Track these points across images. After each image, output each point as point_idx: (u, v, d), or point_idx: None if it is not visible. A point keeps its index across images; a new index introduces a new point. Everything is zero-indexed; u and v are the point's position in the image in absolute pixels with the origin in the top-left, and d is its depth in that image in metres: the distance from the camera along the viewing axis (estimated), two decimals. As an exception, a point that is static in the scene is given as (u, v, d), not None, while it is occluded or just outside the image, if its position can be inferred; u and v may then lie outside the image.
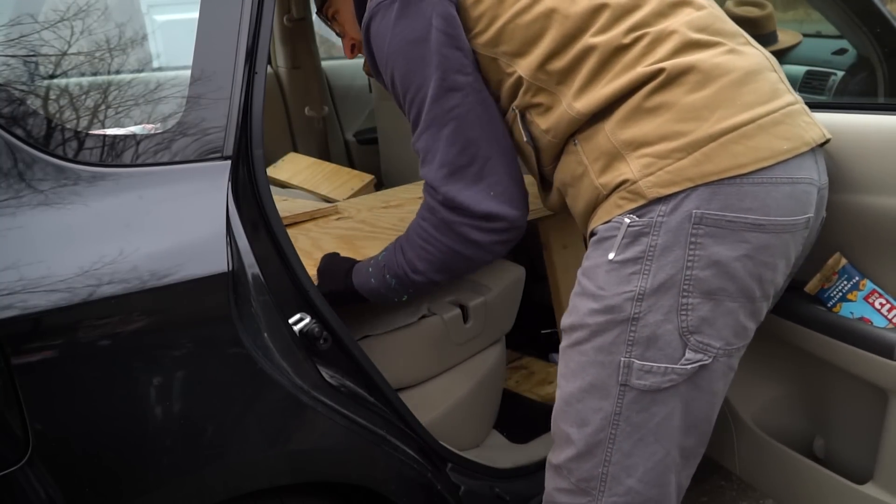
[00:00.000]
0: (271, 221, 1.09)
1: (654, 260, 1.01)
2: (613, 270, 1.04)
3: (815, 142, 1.05)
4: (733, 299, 1.02)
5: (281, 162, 2.51)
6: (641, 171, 1.02)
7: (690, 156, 0.99)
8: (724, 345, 1.04)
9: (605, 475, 1.09)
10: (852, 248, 1.26)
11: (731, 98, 1.01)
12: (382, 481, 1.23)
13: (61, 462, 0.90)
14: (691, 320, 1.01)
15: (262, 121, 1.07)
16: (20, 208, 0.89)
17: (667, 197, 1.00)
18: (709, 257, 0.99)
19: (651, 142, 1.02)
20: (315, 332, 1.12)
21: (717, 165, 0.98)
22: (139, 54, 1.13)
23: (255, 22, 1.06)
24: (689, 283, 1.00)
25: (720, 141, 0.99)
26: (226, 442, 1.01)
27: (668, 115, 1.01)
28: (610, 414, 1.06)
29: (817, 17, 2.42)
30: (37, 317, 0.86)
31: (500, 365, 1.67)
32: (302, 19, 2.84)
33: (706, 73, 1.02)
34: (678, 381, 1.03)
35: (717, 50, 1.05)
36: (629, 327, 1.03)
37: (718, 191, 0.99)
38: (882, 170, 1.19)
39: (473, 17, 1.14)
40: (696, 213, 0.99)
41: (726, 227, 0.99)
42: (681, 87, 1.02)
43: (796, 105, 1.06)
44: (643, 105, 1.03)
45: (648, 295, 1.01)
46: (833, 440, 1.40)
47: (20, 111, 0.95)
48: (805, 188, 1.03)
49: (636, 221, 1.02)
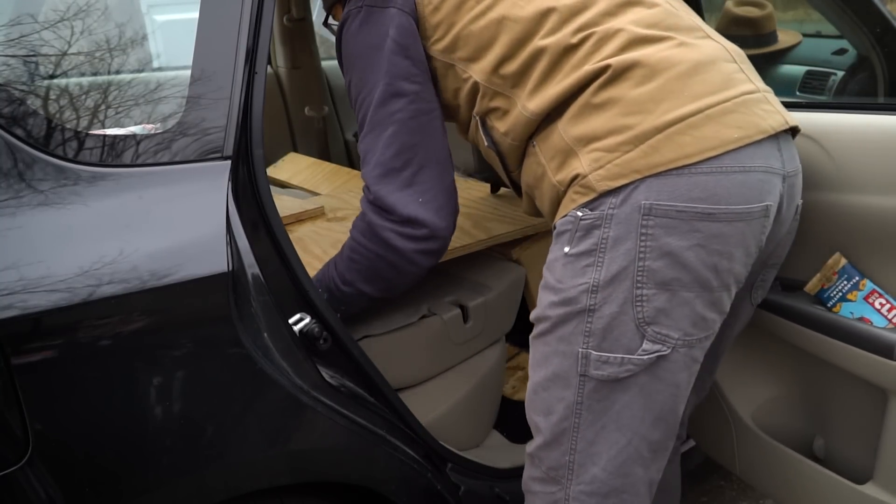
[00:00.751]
0: (271, 221, 1.09)
1: (607, 252, 1.03)
2: (569, 263, 1.06)
3: (774, 129, 1.04)
4: (688, 289, 1.02)
5: (281, 162, 2.51)
6: (591, 165, 1.04)
7: (637, 148, 1.01)
8: (683, 335, 1.04)
9: (571, 463, 1.11)
10: (852, 248, 1.26)
11: (677, 90, 1.02)
12: (382, 481, 1.23)
13: (61, 462, 0.90)
14: (647, 311, 1.02)
15: (262, 121, 1.07)
16: (20, 208, 0.89)
17: (616, 189, 1.01)
18: (660, 248, 1.00)
19: (600, 136, 1.04)
20: (315, 332, 1.12)
21: (664, 156, 0.99)
22: (139, 54, 1.13)
23: (255, 22, 1.06)
24: (643, 273, 1.01)
25: (666, 132, 1.00)
26: (226, 442, 1.01)
27: (615, 110, 1.03)
28: (572, 403, 1.09)
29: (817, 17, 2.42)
30: (37, 317, 0.86)
31: (500, 365, 1.67)
32: (302, 19, 2.84)
33: (652, 66, 1.03)
34: (636, 370, 1.04)
35: (665, 44, 1.06)
36: (585, 318, 1.05)
37: (666, 181, 0.99)
38: (882, 170, 1.19)
39: (432, 24, 1.19)
40: (644, 205, 1.00)
41: (676, 217, 0.99)
42: (627, 81, 1.04)
43: (756, 94, 1.06)
44: (591, 101, 1.05)
45: (602, 286, 1.03)
46: (833, 440, 1.40)
47: (20, 111, 0.94)
48: (760, 176, 1.02)
49: (588, 214, 1.04)
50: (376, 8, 1.20)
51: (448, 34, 1.18)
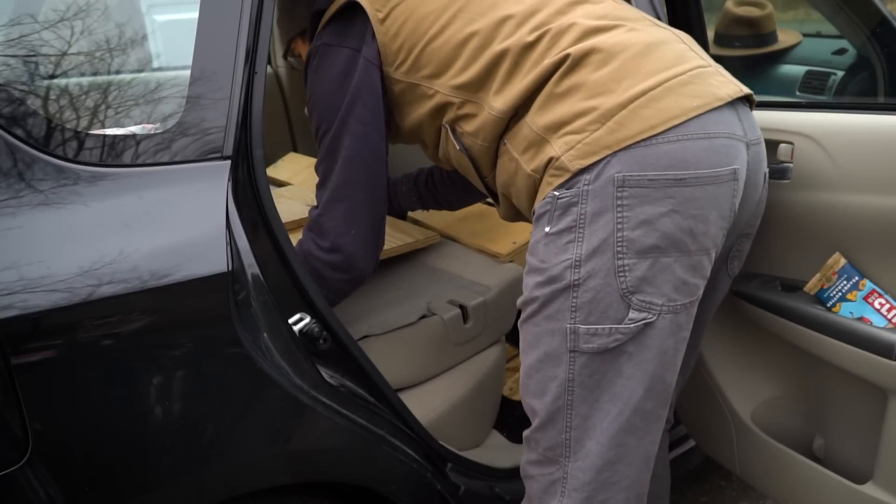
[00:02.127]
0: (271, 221, 1.09)
1: (586, 226, 1.06)
2: (550, 242, 1.09)
3: (730, 96, 1.09)
4: (667, 255, 1.06)
5: (281, 162, 2.51)
6: (562, 147, 1.08)
7: (604, 126, 1.05)
8: (667, 301, 1.07)
9: (568, 441, 1.13)
10: (852, 248, 1.26)
11: (634, 69, 1.08)
12: (382, 481, 1.24)
13: (61, 462, 0.90)
14: (630, 280, 1.05)
15: (262, 121, 1.07)
16: (20, 208, 0.89)
17: (589, 167, 1.05)
18: (636, 217, 1.04)
19: (567, 121, 1.08)
20: (315, 332, 1.13)
21: (630, 130, 1.04)
22: (139, 54, 1.13)
23: (255, 22, 1.06)
24: (622, 244, 1.04)
25: (629, 108, 1.05)
26: (225, 442, 1.01)
27: (578, 95, 1.09)
28: (564, 381, 1.11)
29: (817, 17, 2.42)
30: (37, 317, 0.86)
31: (500, 365, 1.67)
32: (302, 19, 2.84)
33: (607, 51, 1.10)
34: (624, 339, 1.07)
35: (617, 31, 1.13)
36: (571, 294, 1.08)
37: (636, 154, 1.04)
38: (882, 170, 1.19)
39: (393, 50, 1.26)
40: (617, 177, 1.04)
41: (648, 185, 1.03)
42: (586, 67, 1.10)
43: (708, 68, 1.12)
44: (555, 91, 1.11)
45: (585, 260, 1.06)
46: (833, 440, 1.40)
47: (20, 111, 0.94)
48: (724, 142, 1.08)
49: (564, 193, 1.07)
50: (333, 46, 1.29)
51: (409, 56, 1.24)
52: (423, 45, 1.22)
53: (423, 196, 1.75)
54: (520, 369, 2.03)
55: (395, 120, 1.35)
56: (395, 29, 1.25)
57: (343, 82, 1.27)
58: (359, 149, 1.28)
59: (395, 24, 1.25)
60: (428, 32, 1.22)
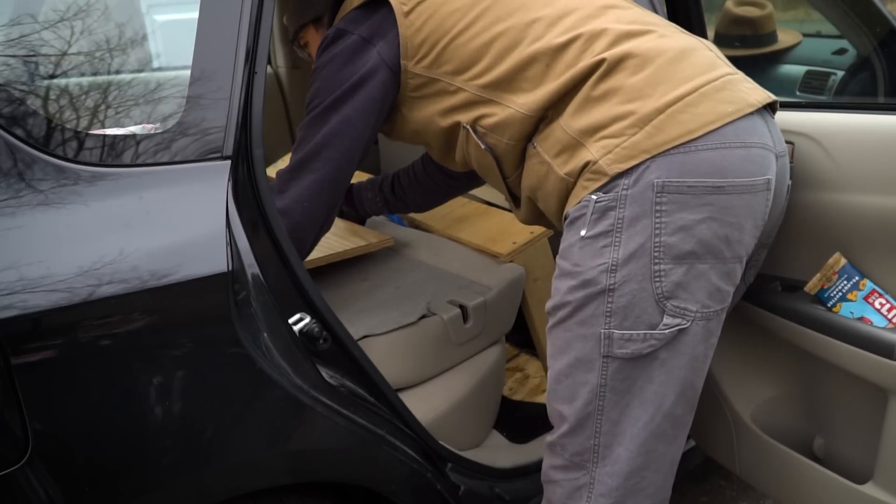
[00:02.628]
0: (271, 221, 1.09)
1: (624, 231, 1.06)
2: (586, 246, 1.09)
3: (760, 103, 1.11)
4: (703, 261, 1.06)
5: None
6: (600, 151, 1.08)
7: (642, 130, 1.06)
8: (701, 307, 1.08)
9: (596, 446, 1.13)
10: (852, 248, 1.26)
11: (670, 74, 1.09)
12: (382, 481, 1.23)
13: (61, 462, 0.90)
14: (665, 286, 1.06)
15: (262, 121, 1.07)
16: (20, 208, 0.89)
17: (627, 171, 1.06)
18: (675, 223, 1.05)
19: (604, 125, 1.09)
20: (315, 332, 1.13)
21: (668, 135, 1.05)
22: (139, 54, 1.13)
23: (255, 22, 1.06)
24: (659, 249, 1.05)
25: (667, 112, 1.06)
26: (225, 442, 1.01)
27: (615, 99, 1.09)
28: (596, 386, 1.11)
29: (817, 17, 2.42)
30: (37, 317, 0.86)
31: (500, 365, 1.67)
32: (302, 19, 2.83)
33: (643, 56, 1.10)
34: (658, 345, 1.08)
35: (649, 36, 1.14)
36: (606, 298, 1.08)
37: (675, 160, 1.05)
38: (882, 170, 1.19)
39: (415, 44, 1.24)
40: (657, 183, 1.04)
41: (688, 192, 1.04)
42: (622, 72, 1.10)
43: (736, 75, 1.14)
44: (591, 95, 1.11)
45: (621, 265, 1.06)
46: (833, 440, 1.40)
47: (20, 111, 0.94)
48: (760, 152, 1.09)
49: (602, 197, 1.07)
50: (349, 32, 1.27)
51: (432, 51, 1.23)
52: (447, 41, 1.22)
53: (389, 201, 1.76)
54: (519, 369, 2.04)
55: (403, 115, 1.33)
56: (420, 23, 1.24)
57: (349, 68, 1.26)
58: (342, 130, 1.26)
59: (420, 18, 1.24)
60: (453, 29, 1.21)
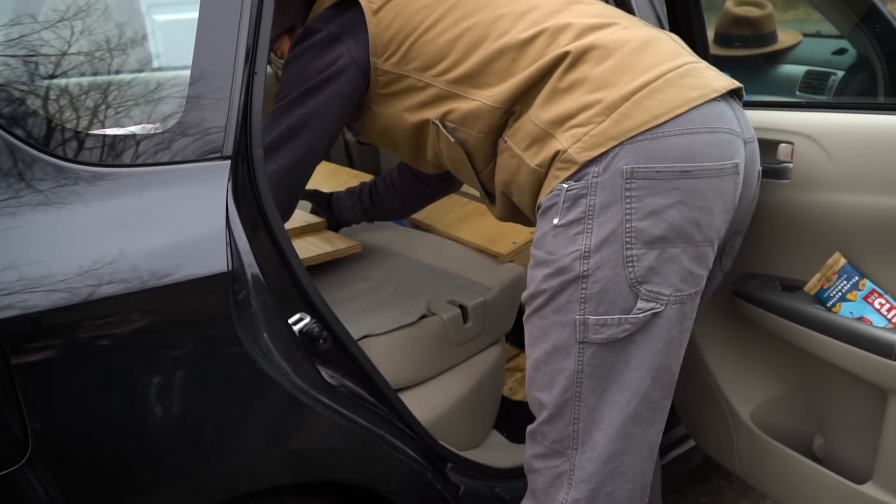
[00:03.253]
0: (271, 221, 1.09)
1: (595, 217, 1.08)
2: (559, 234, 1.11)
3: (724, 89, 1.13)
4: (674, 245, 1.08)
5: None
6: (569, 140, 1.10)
7: (609, 118, 1.08)
8: (674, 291, 1.10)
9: (575, 433, 1.14)
10: (852, 248, 1.26)
11: (633, 63, 1.12)
12: (382, 481, 1.23)
13: (61, 462, 0.90)
14: (638, 270, 1.08)
15: (262, 121, 1.07)
16: (20, 208, 0.89)
17: (597, 159, 1.08)
18: (645, 208, 1.06)
19: (572, 115, 1.11)
20: (315, 332, 1.13)
21: (635, 121, 1.07)
22: (139, 54, 1.13)
23: (255, 22, 1.06)
24: (631, 234, 1.07)
25: (633, 99, 1.08)
26: (225, 442, 1.01)
27: (582, 89, 1.12)
28: (573, 373, 1.12)
29: (817, 17, 2.42)
30: (37, 317, 0.86)
31: (500, 365, 1.67)
32: (302, 19, 2.84)
33: (606, 47, 1.13)
34: (632, 329, 1.09)
35: (612, 28, 1.17)
36: (580, 285, 1.09)
37: (643, 146, 1.07)
38: (882, 170, 1.19)
39: (384, 41, 1.27)
40: (626, 169, 1.06)
41: (656, 177, 1.06)
42: (587, 63, 1.13)
43: (699, 64, 1.17)
44: (558, 86, 1.13)
45: (594, 251, 1.08)
46: (833, 440, 1.40)
47: (20, 111, 0.94)
48: (726, 137, 1.11)
49: (573, 186, 1.09)
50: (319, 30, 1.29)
51: (401, 48, 1.26)
52: (415, 38, 1.24)
53: (367, 210, 1.78)
54: (520, 369, 2.04)
55: (373, 112, 1.35)
56: (388, 20, 1.26)
57: (317, 63, 1.28)
58: (306, 122, 1.28)
59: (389, 16, 1.27)
60: (421, 25, 1.24)
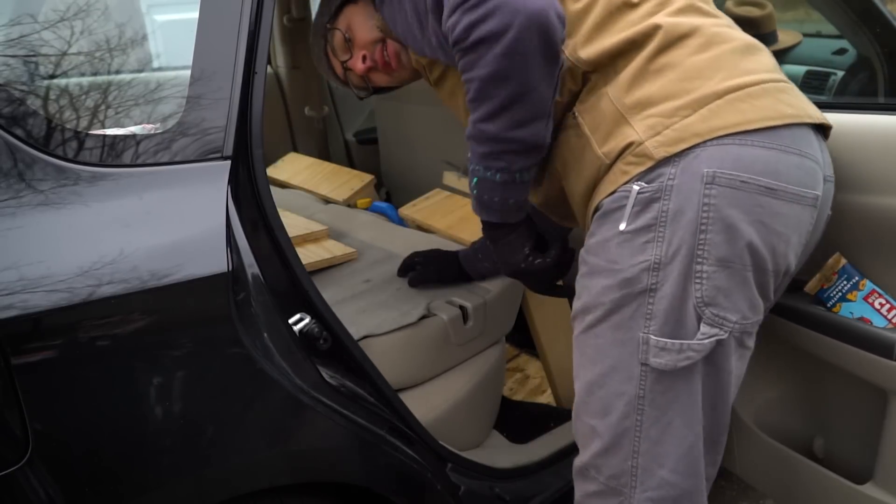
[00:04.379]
0: (271, 221, 1.09)
1: (668, 225, 0.98)
2: (626, 241, 1.00)
3: (819, 119, 1.05)
4: (747, 268, 0.98)
5: (281, 162, 2.51)
6: (647, 131, 0.99)
7: (697, 112, 0.98)
8: (741, 318, 1.00)
9: (635, 468, 1.04)
10: (852, 248, 1.26)
11: (733, 63, 1.02)
12: (382, 481, 1.23)
13: (61, 462, 0.90)
14: (706, 290, 0.98)
15: (262, 121, 1.07)
16: (20, 208, 0.89)
17: (675, 157, 0.98)
18: (722, 220, 0.96)
19: (656, 101, 1.00)
20: (315, 333, 1.12)
21: (725, 120, 0.97)
22: (139, 54, 1.13)
23: (255, 22, 1.06)
24: (703, 248, 0.97)
25: (726, 98, 0.98)
26: (225, 442, 1.01)
27: (672, 75, 1.01)
28: (634, 397, 1.02)
29: (817, 17, 2.42)
30: (37, 317, 0.86)
31: (500, 366, 1.67)
32: (302, 19, 2.84)
33: (708, 37, 1.03)
34: (696, 358, 0.99)
35: (718, 20, 1.07)
36: (647, 299, 0.99)
37: (729, 150, 0.97)
38: (882, 170, 1.19)
39: None
40: (707, 173, 0.96)
41: (740, 188, 0.96)
42: (684, 48, 1.02)
43: (796, 88, 1.08)
44: (648, 67, 1.02)
45: (665, 263, 0.98)
46: (833, 440, 1.40)
47: (20, 111, 0.94)
48: (812, 165, 1.02)
49: (645, 188, 0.99)
50: None
51: None
52: None
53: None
54: (520, 369, 2.04)
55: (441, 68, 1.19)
56: None
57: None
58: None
59: None
60: None
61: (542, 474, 1.54)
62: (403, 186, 2.64)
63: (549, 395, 1.92)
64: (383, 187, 2.76)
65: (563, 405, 1.85)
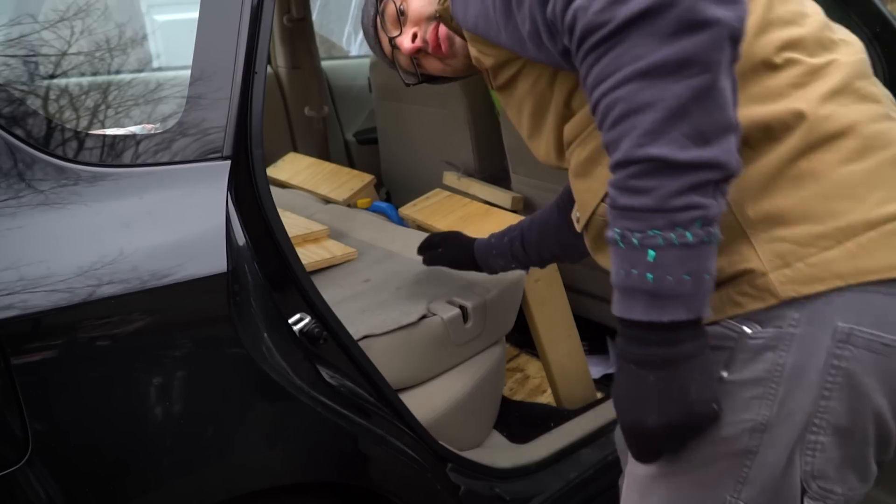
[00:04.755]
0: (271, 221, 1.09)
1: (783, 382, 0.79)
2: (727, 393, 0.81)
3: None
4: (868, 441, 0.81)
5: (281, 162, 2.51)
6: (774, 260, 0.78)
7: (841, 245, 0.76)
8: (848, 489, 0.83)
9: None
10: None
11: (892, 178, 0.78)
12: (382, 481, 1.24)
13: (61, 462, 0.90)
14: (817, 463, 0.81)
15: (262, 121, 1.07)
16: (20, 208, 0.89)
17: (803, 300, 0.77)
18: (852, 388, 0.78)
19: (789, 221, 0.78)
20: (315, 332, 1.12)
21: (877, 262, 0.76)
22: (139, 54, 1.13)
23: (254, 22, 1.06)
24: (823, 416, 0.79)
25: (880, 230, 0.76)
26: (225, 442, 1.01)
27: (815, 188, 0.78)
28: None
29: (817, 17, 2.42)
30: (37, 317, 0.86)
31: (500, 366, 1.67)
32: (302, 19, 2.84)
33: (865, 140, 0.78)
34: None
35: (877, 111, 0.81)
36: (743, 461, 0.82)
37: (873, 301, 0.76)
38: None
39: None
40: (841, 328, 0.77)
41: (881, 352, 0.77)
42: (833, 153, 0.78)
43: None
44: (784, 172, 0.78)
45: (772, 425, 0.80)
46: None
47: (20, 111, 0.95)
48: None
49: (759, 333, 0.79)
50: None
51: None
52: None
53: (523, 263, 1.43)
54: (520, 369, 2.04)
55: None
56: None
57: None
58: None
59: None
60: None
61: (542, 474, 1.54)
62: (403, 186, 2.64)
63: (549, 395, 1.92)
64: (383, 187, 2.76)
65: (563, 405, 1.85)
